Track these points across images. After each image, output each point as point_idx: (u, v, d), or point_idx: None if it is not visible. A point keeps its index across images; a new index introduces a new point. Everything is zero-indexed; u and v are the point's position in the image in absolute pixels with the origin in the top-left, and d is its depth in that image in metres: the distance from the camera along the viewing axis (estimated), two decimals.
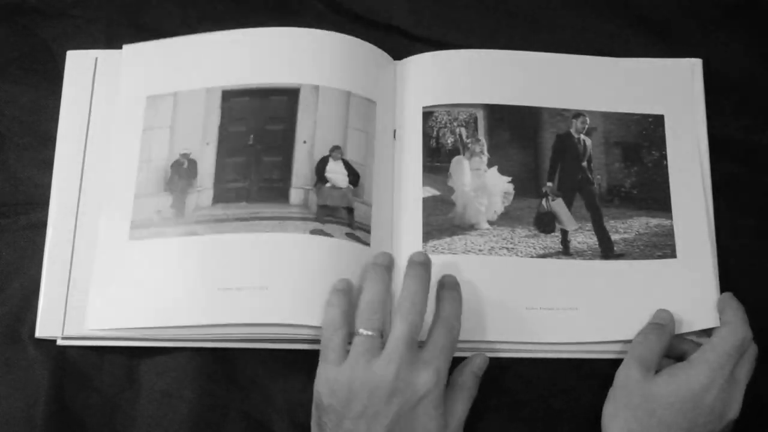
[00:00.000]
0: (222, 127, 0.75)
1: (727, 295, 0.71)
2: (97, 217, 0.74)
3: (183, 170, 0.75)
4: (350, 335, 0.66)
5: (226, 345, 0.72)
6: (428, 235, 0.73)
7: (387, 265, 0.69)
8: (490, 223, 0.74)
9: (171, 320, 0.70)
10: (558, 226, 0.74)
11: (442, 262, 0.72)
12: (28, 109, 0.79)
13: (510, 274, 0.72)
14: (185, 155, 0.75)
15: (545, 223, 0.74)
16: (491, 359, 0.71)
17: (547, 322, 0.71)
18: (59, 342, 0.72)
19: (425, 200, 0.74)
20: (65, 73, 0.78)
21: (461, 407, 0.67)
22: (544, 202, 0.75)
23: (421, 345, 0.66)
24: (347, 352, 0.65)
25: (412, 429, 0.63)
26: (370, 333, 0.65)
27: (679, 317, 0.71)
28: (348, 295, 0.67)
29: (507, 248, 0.73)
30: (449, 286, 0.69)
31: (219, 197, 0.73)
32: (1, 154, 0.78)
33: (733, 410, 0.65)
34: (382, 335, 0.65)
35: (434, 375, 0.64)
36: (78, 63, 0.78)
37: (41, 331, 0.72)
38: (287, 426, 0.71)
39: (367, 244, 0.72)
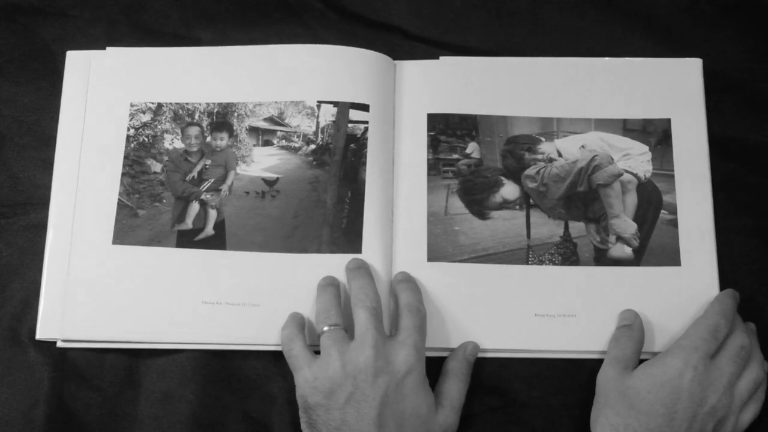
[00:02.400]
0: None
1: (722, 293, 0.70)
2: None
3: None
4: (306, 343, 0.68)
5: (226, 347, 0.72)
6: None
7: (331, 283, 0.70)
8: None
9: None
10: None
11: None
12: (28, 109, 0.79)
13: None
14: None
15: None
16: (492, 359, 0.71)
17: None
18: (59, 344, 0.72)
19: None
20: (65, 73, 0.78)
21: (456, 391, 0.67)
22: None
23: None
24: (312, 355, 0.66)
25: (401, 409, 0.63)
26: (332, 327, 0.66)
27: (683, 322, 0.70)
28: (298, 319, 0.69)
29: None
30: (403, 278, 0.71)
31: None
32: (1, 154, 0.78)
33: (714, 394, 0.64)
34: (346, 330, 0.67)
35: (413, 351, 0.64)
36: (78, 63, 0.78)
37: (42, 333, 0.72)
38: (287, 426, 0.71)
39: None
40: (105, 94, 0.77)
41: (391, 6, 0.82)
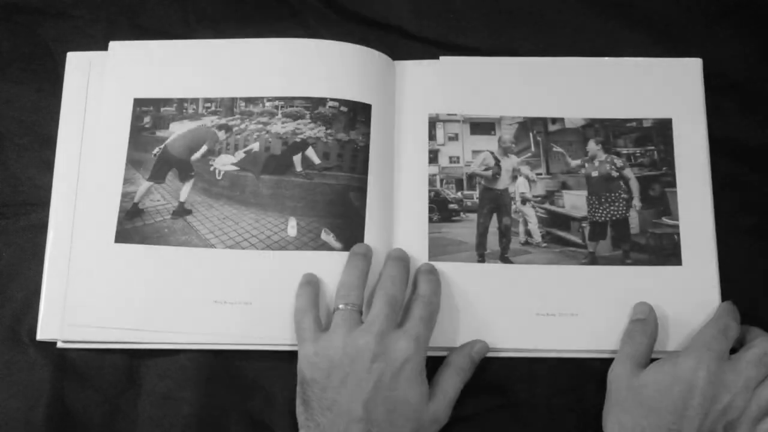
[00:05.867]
0: None
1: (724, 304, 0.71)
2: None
3: None
4: (319, 318, 0.68)
5: (226, 347, 0.72)
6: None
7: (364, 253, 0.71)
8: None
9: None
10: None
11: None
12: (28, 109, 0.79)
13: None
14: None
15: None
16: (493, 359, 0.71)
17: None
18: (59, 344, 0.72)
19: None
20: (65, 74, 0.78)
21: (452, 385, 0.68)
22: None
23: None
24: (319, 330, 0.67)
25: (393, 396, 0.64)
26: (348, 306, 0.67)
27: (684, 321, 0.71)
28: (314, 286, 0.70)
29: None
30: (426, 270, 0.71)
31: None
32: (1, 154, 0.78)
33: (727, 394, 0.63)
34: (361, 312, 0.67)
35: (413, 342, 0.65)
36: (78, 64, 0.78)
37: (42, 334, 0.72)
38: (288, 426, 0.71)
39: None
40: (109, 91, 0.77)
41: (391, 6, 0.82)
